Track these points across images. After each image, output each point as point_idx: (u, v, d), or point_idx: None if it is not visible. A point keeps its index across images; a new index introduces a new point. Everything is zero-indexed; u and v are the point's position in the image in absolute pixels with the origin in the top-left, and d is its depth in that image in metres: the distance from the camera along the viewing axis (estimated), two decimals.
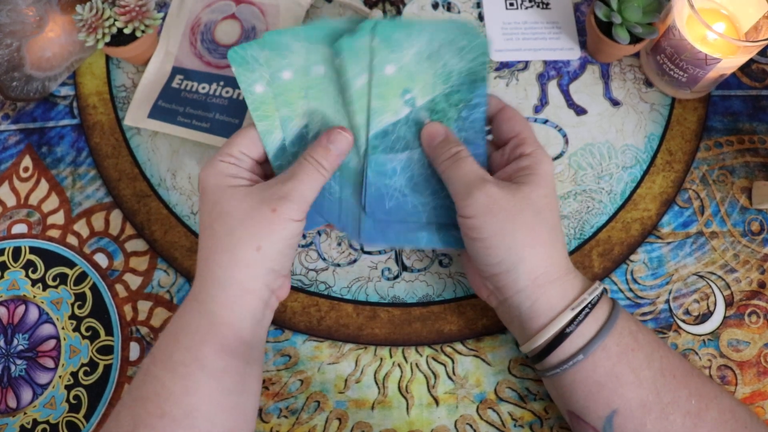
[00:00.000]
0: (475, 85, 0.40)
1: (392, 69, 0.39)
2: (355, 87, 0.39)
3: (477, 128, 0.40)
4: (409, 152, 0.40)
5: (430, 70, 0.40)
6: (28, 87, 0.49)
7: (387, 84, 0.39)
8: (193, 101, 0.49)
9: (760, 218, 0.47)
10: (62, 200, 0.49)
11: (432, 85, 0.40)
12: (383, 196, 0.40)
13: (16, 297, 0.46)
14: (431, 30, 0.39)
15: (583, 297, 0.36)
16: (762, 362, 0.44)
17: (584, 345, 0.35)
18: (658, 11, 0.46)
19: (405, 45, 0.39)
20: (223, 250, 0.36)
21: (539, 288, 0.36)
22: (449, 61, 0.40)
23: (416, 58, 0.39)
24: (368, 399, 0.43)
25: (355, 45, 0.38)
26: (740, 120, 0.50)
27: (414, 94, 0.40)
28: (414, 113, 0.40)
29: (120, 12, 0.46)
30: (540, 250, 0.36)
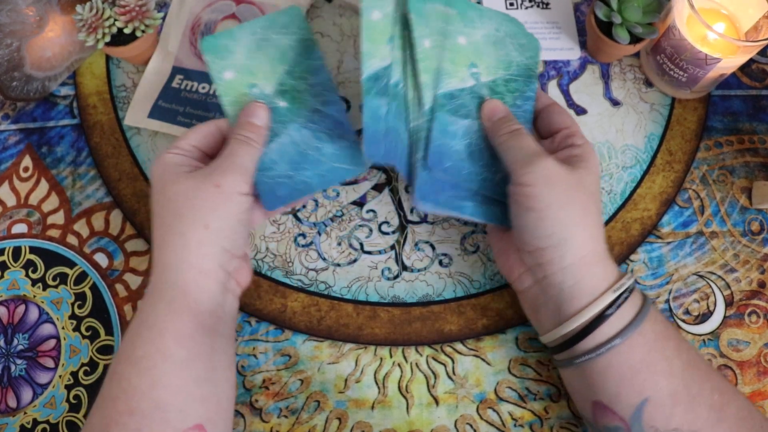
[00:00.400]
0: (530, 80, 0.43)
1: (464, 40, 0.42)
2: (423, 46, 0.41)
3: (527, 118, 0.43)
4: (470, 121, 0.42)
5: (494, 54, 0.43)
6: (28, 87, 0.49)
7: (458, 52, 0.42)
8: (193, 101, 0.49)
9: (760, 218, 0.47)
10: (62, 200, 0.49)
11: (495, 67, 0.43)
12: (443, 155, 0.41)
13: (16, 297, 0.46)
14: (498, 20, 0.43)
15: (622, 281, 0.36)
16: (762, 362, 0.44)
17: (622, 328, 0.35)
18: (658, 11, 0.46)
19: (477, 24, 0.42)
20: (173, 233, 0.36)
21: (584, 267, 0.36)
22: (511, 52, 0.43)
23: (484, 39, 0.43)
24: (368, 399, 0.43)
25: (426, 9, 0.41)
26: (740, 120, 0.50)
27: (479, 70, 0.43)
28: (477, 87, 0.42)
29: (120, 12, 0.46)
30: (589, 231, 0.37)
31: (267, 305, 0.45)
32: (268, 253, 0.46)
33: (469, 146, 0.42)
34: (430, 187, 0.41)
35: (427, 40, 0.41)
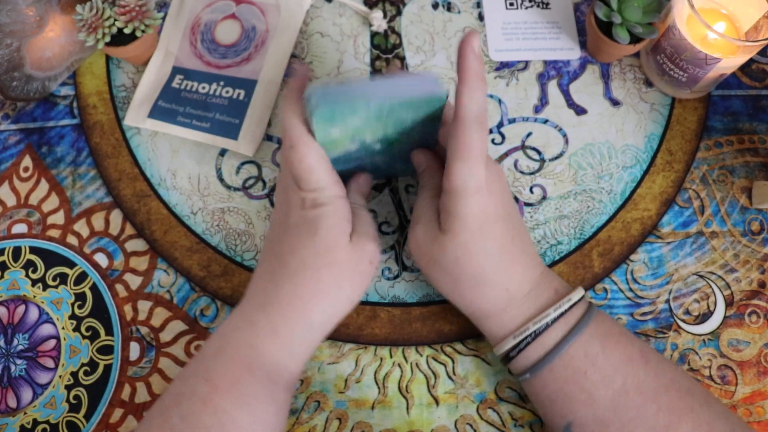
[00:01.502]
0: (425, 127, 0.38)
1: (337, 132, 0.36)
2: None
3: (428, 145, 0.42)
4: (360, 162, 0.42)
5: (379, 126, 0.37)
6: (28, 87, 0.49)
7: (334, 142, 0.37)
8: (193, 101, 0.49)
9: (760, 218, 0.47)
10: (62, 200, 0.49)
11: (382, 129, 0.37)
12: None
13: (16, 297, 0.46)
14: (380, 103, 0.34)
15: (525, 327, 0.37)
16: (762, 362, 0.44)
17: (530, 366, 0.37)
18: (658, 11, 0.46)
19: (348, 119, 0.35)
20: (330, 300, 0.37)
21: (481, 320, 0.39)
22: (402, 116, 0.36)
23: (364, 122, 0.36)
24: (368, 399, 0.43)
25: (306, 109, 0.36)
26: (740, 120, 0.50)
27: (363, 137, 0.38)
28: (363, 145, 0.39)
29: (120, 12, 0.46)
30: (467, 294, 0.38)
31: None
32: None
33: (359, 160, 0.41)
34: None
35: None
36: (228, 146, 0.48)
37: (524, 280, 0.38)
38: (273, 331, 0.36)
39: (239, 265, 0.46)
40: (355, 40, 0.52)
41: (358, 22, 0.53)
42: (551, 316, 0.37)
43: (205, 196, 0.48)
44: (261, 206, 0.48)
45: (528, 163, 0.48)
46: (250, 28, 0.51)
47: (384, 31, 0.52)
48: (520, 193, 0.48)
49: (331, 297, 0.37)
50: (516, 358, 0.38)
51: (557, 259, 0.46)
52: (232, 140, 0.48)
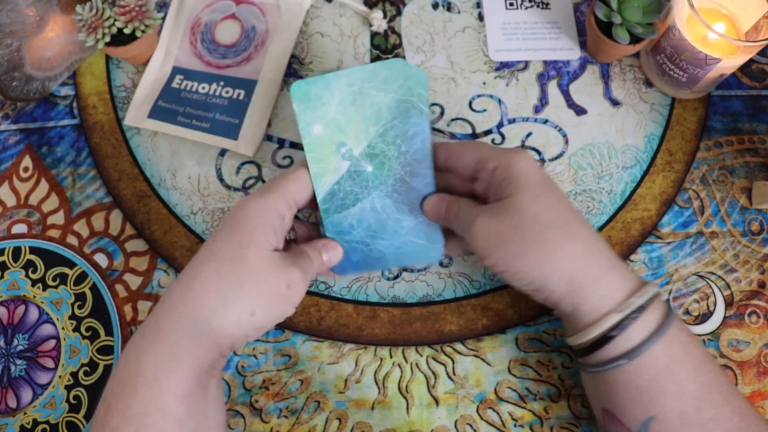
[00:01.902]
0: (408, 115, 0.39)
1: (320, 128, 0.39)
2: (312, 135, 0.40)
3: (420, 158, 0.40)
4: (360, 204, 0.41)
5: (357, 115, 0.39)
6: (28, 87, 0.49)
7: (319, 144, 0.39)
8: (193, 101, 0.49)
9: (760, 218, 0.47)
10: (62, 200, 0.49)
11: (364, 129, 0.39)
12: (347, 252, 0.41)
13: (16, 297, 0.46)
14: (348, 74, 0.39)
15: (631, 300, 0.34)
16: (762, 362, 0.44)
17: (630, 349, 0.34)
18: (658, 11, 0.46)
19: (325, 98, 0.39)
20: (220, 294, 0.33)
21: (578, 292, 0.35)
22: (375, 97, 0.39)
23: (341, 108, 0.39)
24: (368, 399, 0.43)
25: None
26: (740, 120, 0.50)
27: (349, 145, 0.40)
28: (354, 165, 0.40)
29: (120, 12, 0.46)
30: (560, 257, 0.35)
31: None
32: None
33: (369, 228, 0.41)
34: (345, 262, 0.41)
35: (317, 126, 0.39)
36: (228, 146, 0.48)
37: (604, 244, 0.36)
38: (157, 335, 0.33)
39: None
40: (355, 40, 0.52)
41: (358, 22, 0.53)
42: (651, 292, 0.35)
43: (205, 196, 0.48)
44: None
45: None
46: (250, 28, 0.51)
47: (384, 32, 0.52)
48: None
49: (226, 298, 0.33)
50: (607, 345, 0.34)
51: None
52: (232, 140, 0.48)
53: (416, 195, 0.41)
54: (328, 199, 0.40)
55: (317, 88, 0.38)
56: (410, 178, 0.40)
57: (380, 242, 0.41)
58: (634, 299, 0.34)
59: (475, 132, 0.49)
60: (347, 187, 0.40)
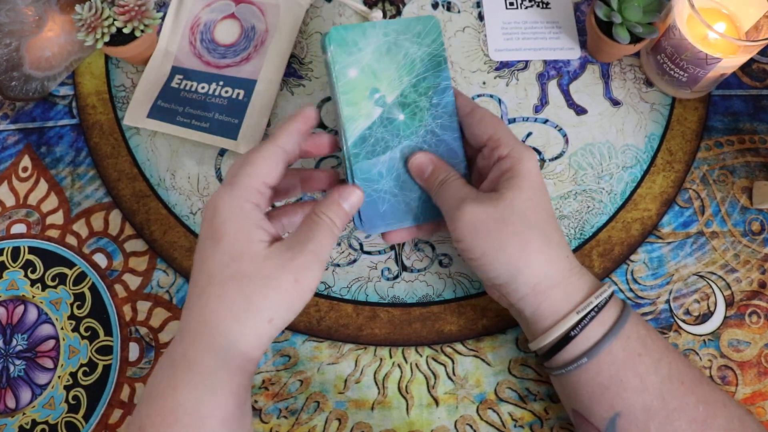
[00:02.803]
0: (439, 69, 0.41)
1: (355, 72, 0.39)
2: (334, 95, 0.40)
3: (450, 112, 0.41)
4: (390, 152, 0.40)
5: (392, 63, 0.40)
6: (27, 87, 0.49)
7: (353, 88, 0.39)
8: (192, 101, 0.49)
9: (761, 218, 0.47)
10: (61, 200, 0.48)
11: (398, 78, 0.40)
12: (375, 202, 0.40)
13: (15, 297, 0.46)
14: (384, 25, 0.40)
15: (589, 300, 0.36)
16: (762, 362, 0.44)
17: (589, 348, 0.35)
18: (658, 11, 0.46)
19: (361, 44, 0.39)
20: (234, 318, 0.32)
21: (540, 294, 0.36)
22: (409, 49, 0.40)
23: (376, 55, 0.40)
24: (368, 399, 0.43)
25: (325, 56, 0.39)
26: (741, 120, 0.50)
27: (383, 92, 0.40)
28: (386, 111, 0.40)
29: (119, 12, 0.46)
30: (535, 257, 0.36)
31: None
32: None
33: (398, 178, 0.41)
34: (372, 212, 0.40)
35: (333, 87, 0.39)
36: (227, 146, 0.48)
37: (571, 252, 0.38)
38: (188, 367, 0.33)
39: None
40: None
41: (358, 21, 0.53)
42: (608, 291, 0.36)
43: (205, 196, 0.48)
44: None
45: None
46: (249, 28, 0.51)
47: None
48: None
49: (239, 318, 0.32)
50: (569, 345, 0.36)
51: None
52: (231, 140, 0.47)
53: (445, 148, 0.41)
54: (358, 143, 0.39)
55: (354, 34, 0.39)
56: (441, 130, 0.41)
57: (408, 194, 0.41)
58: (591, 299, 0.36)
59: None
60: (378, 134, 0.40)
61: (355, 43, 0.39)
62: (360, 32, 0.39)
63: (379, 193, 0.40)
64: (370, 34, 0.40)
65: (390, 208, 0.41)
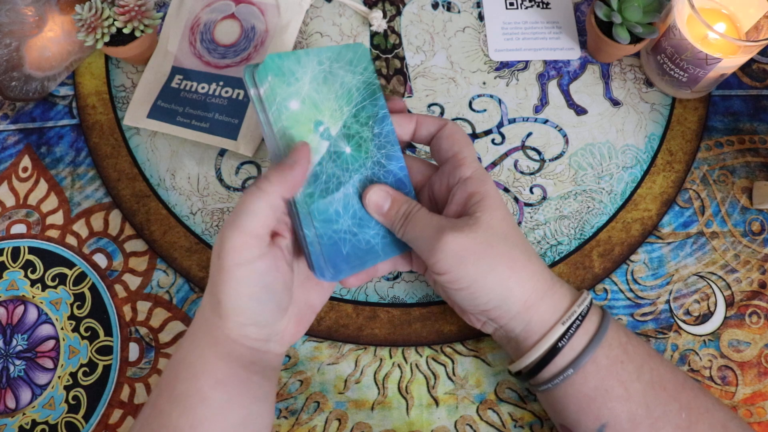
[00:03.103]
0: (375, 98, 0.40)
1: (296, 104, 0.37)
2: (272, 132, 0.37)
3: (392, 140, 0.40)
4: (344, 188, 0.38)
5: (330, 94, 0.38)
6: (27, 87, 0.49)
7: (297, 122, 0.37)
8: (192, 101, 0.49)
9: (761, 218, 0.47)
10: (61, 200, 0.48)
11: (338, 108, 0.39)
12: (337, 244, 0.38)
13: (15, 297, 0.46)
14: (316, 53, 0.38)
15: (572, 309, 0.36)
16: (763, 362, 0.44)
17: (574, 359, 0.35)
18: (658, 11, 0.46)
19: (298, 74, 0.37)
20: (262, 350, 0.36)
21: (530, 309, 0.36)
22: (344, 78, 0.39)
23: (314, 85, 0.38)
24: (368, 399, 0.43)
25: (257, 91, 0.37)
26: (741, 120, 0.50)
27: (326, 124, 0.38)
28: (333, 145, 0.38)
29: (119, 12, 0.46)
30: (522, 275, 0.36)
31: None
32: None
33: (355, 215, 0.39)
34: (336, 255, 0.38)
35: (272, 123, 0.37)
36: (227, 146, 0.48)
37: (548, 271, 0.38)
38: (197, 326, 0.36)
39: None
40: (354, 40, 0.52)
41: (358, 22, 0.53)
42: (588, 299, 0.37)
43: (205, 197, 0.48)
44: None
45: (528, 164, 0.48)
46: (249, 28, 0.51)
47: (384, 31, 0.52)
48: (520, 193, 0.48)
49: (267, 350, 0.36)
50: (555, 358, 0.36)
51: (557, 259, 0.46)
52: (231, 140, 0.47)
53: (393, 178, 0.40)
54: (312, 182, 0.37)
55: (290, 63, 0.37)
56: (386, 161, 0.40)
57: (367, 231, 0.39)
58: (574, 308, 0.36)
59: (475, 132, 0.49)
60: (329, 170, 0.38)
61: (293, 73, 0.37)
62: (295, 61, 0.37)
63: (339, 234, 0.38)
64: (305, 63, 0.37)
65: (352, 249, 0.38)
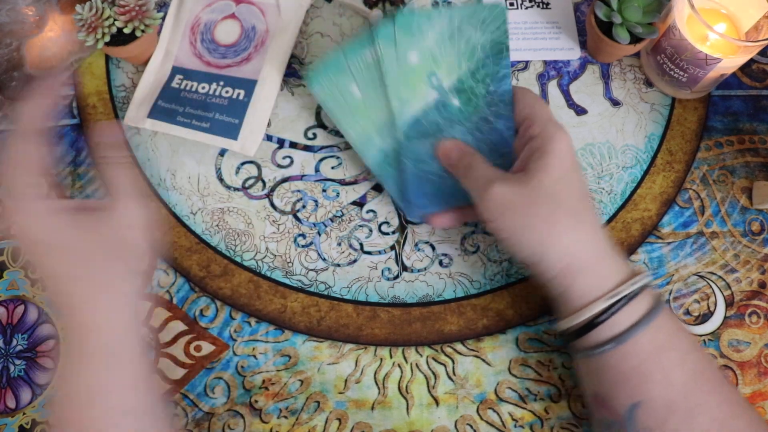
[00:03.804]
0: (500, 56, 0.41)
1: (415, 56, 0.40)
2: (389, 77, 0.41)
3: (506, 100, 0.41)
4: (442, 136, 0.41)
5: (452, 50, 0.40)
6: (27, 87, 0.49)
7: (413, 72, 0.40)
8: (192, 101, 0.49)
9: (761, 218, 0.47)
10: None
11: (457, 64, 0.41)
12: (422, 181, 0.41)
13: (16, 297, 0.46)
14: (451, 10, 0.40)
15: (620, 288, 0.35)
16: (762, 362, 0.44)
17: (616, 335, 0.35)
18: (658, 11, 0.46)
19: (425, 29, 0.40)
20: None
21: (569, 276, 0.36)
22: (472, 36, 0.40)
23: (438, 41, 0.40)
24: (368, 399, 0.43)
25: (383, 37, 0.40)
26: (740, 120, 0.50)
27: (440, 76, 0.41)
28: (442, 96, 0.41)
29: (120, 12, 0.46)
30: (564, 239, 0.36)
31: (267, 306, 0.45)
32: (268, 254, 0.46)
33: None
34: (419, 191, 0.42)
35: (391, 69, 0.41)
36: (228, 146, 0.48)
37: (605, 234, 0.37)
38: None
39: (239, 265, 0.46)
40: None
41: (358, 22, 0.53)
42: (641, 282, 0.36)
43: (205, 196, 0.48)
44: (261, 206, 0.47)
45: None
46: (249, 28, 0.51)
47: None
48: None
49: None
50: (596, 329, 0.36)
51: None
52: (231, 140, 0.47)
53: (498, 136, 0.41)
54: (411, 124, 0.40)
55: (420, 19, 0.40)
56: (494, 118, 0.41)
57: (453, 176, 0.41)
58: (622, 288, 0.35)
59: None
60: (431, 117, 0.41)
61: (419, 28, 0.40)
62: (426, 17, 0.40)
63: (426, 174, 0.41)
64: (436, 19, 0.40)
65: (433, 190, 0.41)
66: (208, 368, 0.44)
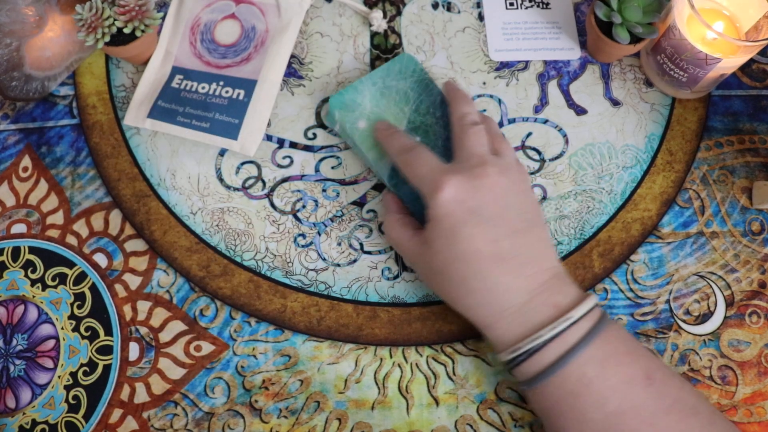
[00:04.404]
0: (429, 88, 0.47)
1: (363, 123, 0.45)
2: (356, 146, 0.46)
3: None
4: None
5: (390, 103, 0.46)
6: (27, 87, 0.49)
7: (369, 135, 0.45)
8: (192, 101, 0.49)
9: (761, 218, 0.47)
10: (61, 200, 0.48)
11: (400, 111, 0.46)
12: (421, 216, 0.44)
13: (15, 297, 0.46)
14: (369, 77, 0.46)
15: (518, 345, 0.37)
16: (763, 362, 0.44)
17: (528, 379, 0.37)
18: (658, 11, 0.46)
19: (358, 99, 0.46)
20: None
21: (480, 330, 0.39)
22: (398, 86, 0.46)
23: (373, 102, 0.46)
24: (368, 399, 0.43)
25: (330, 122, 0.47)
26: (741, 120, 0.50)
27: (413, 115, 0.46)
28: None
29: (120, 11, 0.46)
30: (461, 304, 0.39)
31: (267, 305, 0.45)
32: (268, 254, 0.46)
33: None
34: None
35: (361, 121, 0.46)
36: (228, 146, 0.48)
37: (516, 290, 0.37)
38: None
39: (239, 265, 0.46)
40: (355, 40, 0.52)
41: (358, 22, 0.53)
42: (544, 337, 0.36)
43: (205, 196, 0.48)
44: (260, 206, 0.47)
45: (528, 164, 0.48)
46: (249, 28, 0.51)
47: (384, 31, 0.52)
48: None
49: None
50: (516, 368, 0.38)
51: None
52: (231, 140, 0.47)
53: None
54: (393, 175, 0.44)
55: (350, 95, 0.46)
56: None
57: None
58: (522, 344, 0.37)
59: None
60: None
61: (354, 101, 0.46)
62: (353, 91, 0.46)
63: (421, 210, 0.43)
64: (363, 89, 0.46)
65: None
66: (208, 368, 0.44)
